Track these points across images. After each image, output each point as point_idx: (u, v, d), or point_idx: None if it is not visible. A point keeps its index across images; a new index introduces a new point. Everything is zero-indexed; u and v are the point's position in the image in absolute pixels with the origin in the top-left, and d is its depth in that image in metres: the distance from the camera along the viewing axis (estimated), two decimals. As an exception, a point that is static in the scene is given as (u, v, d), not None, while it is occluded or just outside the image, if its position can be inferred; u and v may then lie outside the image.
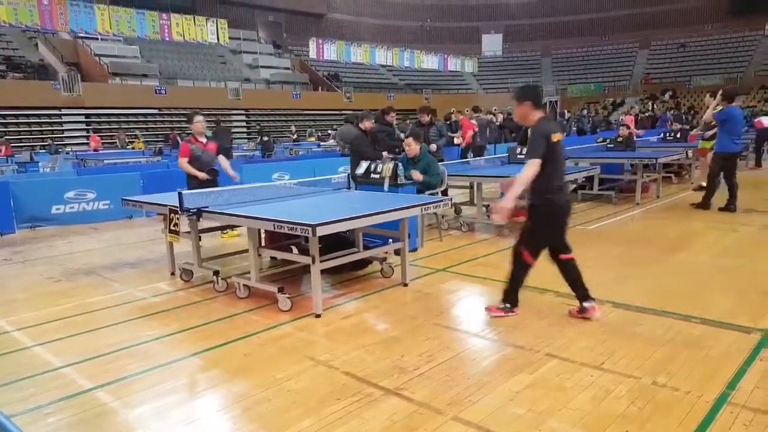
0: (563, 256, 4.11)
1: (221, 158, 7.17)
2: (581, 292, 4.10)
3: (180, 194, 4.92)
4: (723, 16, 40.68)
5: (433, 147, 8.38)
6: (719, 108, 8.11)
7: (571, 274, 4.11)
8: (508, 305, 4.24)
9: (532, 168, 3.75)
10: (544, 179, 3.82)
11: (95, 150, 20.47)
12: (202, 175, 6.72)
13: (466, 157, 11.09)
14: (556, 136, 3.85)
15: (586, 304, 4.08)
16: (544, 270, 5.57)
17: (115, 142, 22.74)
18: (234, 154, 15.68)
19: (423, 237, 6.69)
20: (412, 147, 6.85)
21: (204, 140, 7.01)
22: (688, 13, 42.31)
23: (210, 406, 3.07)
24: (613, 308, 4.31)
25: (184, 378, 3.43)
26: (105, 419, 2.95)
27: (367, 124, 7.90)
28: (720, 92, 8.35)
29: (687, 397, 2.93)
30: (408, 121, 14.10)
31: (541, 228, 4.05)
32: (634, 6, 43.46)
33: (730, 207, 8.05)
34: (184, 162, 6.82)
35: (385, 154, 7.51)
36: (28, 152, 16.81)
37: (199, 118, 6.94)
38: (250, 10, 39.36)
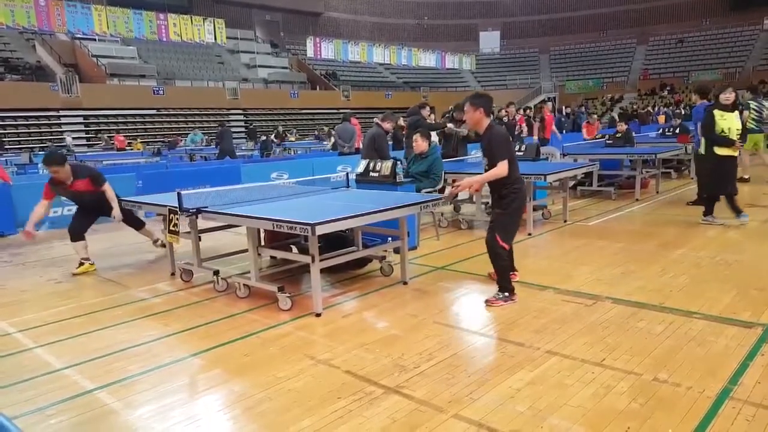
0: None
1: (106, 188, 6.11)
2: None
3: (179, 194, 4.90)
4: (721, 11, 40.70)
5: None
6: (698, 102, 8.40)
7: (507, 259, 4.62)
8: (506, 294, 4.48)
9: (503, 167, 4.30)
10: (512, 173, 4.37)
11: (122, 150, 20.15)
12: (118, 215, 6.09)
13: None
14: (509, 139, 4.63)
15: (509, 294, 4.49)
16: (543, 267, 5.60)
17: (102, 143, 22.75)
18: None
19: (418, 235, 6.69)
20: (419, 143, 6.86)
21: (69, 181, 5.99)
22: (685, 8, 42.33)
23: (211, 406, 3.07)
24: (614, 304, 4.31)
25: (184, 378, 3.42)
26: (107, 420, 2.95)
27: (387, 126, 7.84)
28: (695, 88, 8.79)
29: (689, 393, 2.93)
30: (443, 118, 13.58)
31: (513, 214, 4.51)
32: (632, 2, 43.46)
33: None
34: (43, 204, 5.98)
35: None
36: (27, 154, 16.76)
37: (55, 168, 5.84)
38: (247, 9, 39.34)
